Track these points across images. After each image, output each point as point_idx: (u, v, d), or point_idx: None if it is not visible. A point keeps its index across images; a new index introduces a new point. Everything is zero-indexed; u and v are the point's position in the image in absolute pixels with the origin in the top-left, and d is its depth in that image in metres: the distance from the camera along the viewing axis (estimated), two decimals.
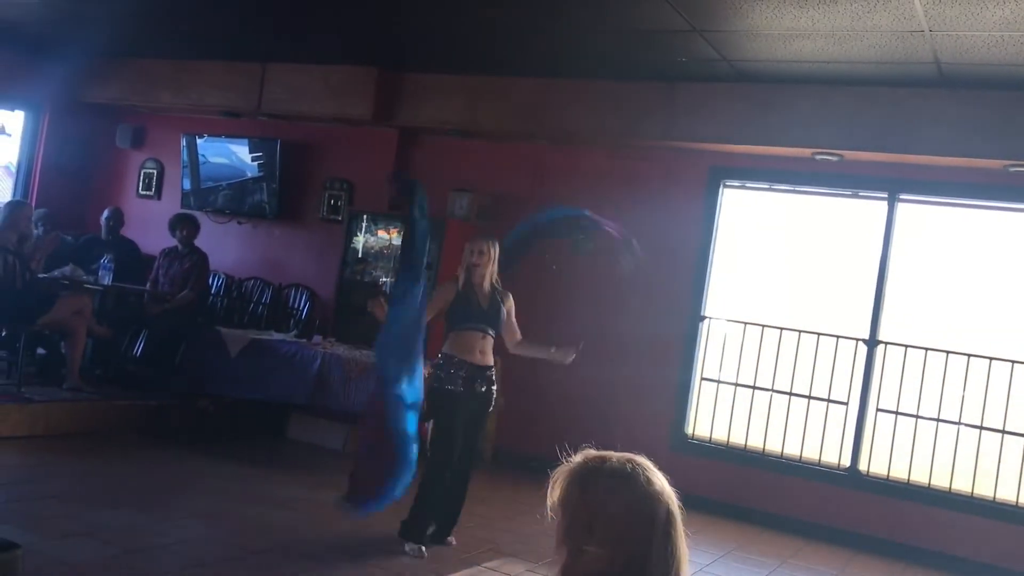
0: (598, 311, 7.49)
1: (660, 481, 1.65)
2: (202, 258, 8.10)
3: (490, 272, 5.31)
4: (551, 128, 7.56)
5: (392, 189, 5.70)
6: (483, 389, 5.22)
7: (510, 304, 5.41)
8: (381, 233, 7.93)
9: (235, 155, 8.99)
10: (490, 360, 5.28)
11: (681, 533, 1.63)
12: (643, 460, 1.69)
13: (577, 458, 1.70)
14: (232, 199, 9.03)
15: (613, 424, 7.28)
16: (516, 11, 6.02)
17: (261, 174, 8.82)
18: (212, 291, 8.78)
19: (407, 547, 5.11)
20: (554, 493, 1.68)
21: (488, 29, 6.54)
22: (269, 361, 7.10)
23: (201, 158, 9.19)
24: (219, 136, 9.08)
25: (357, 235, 8.03)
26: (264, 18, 7.12)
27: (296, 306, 8.51)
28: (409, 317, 4.89)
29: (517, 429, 7.57)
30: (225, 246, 8.97)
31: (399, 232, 7.81)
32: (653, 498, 1.61)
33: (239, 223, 9.06)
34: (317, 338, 7.45)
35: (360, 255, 8.02)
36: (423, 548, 5.10)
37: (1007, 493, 6.33)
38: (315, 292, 8.46)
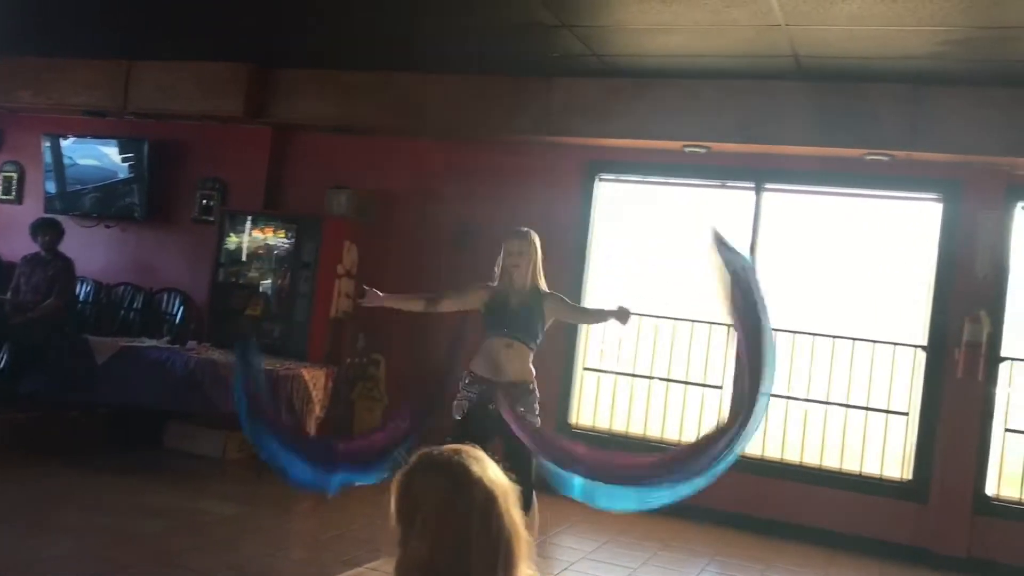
0: None
1: (481, 469, 1.67)
2: (67, 264, 7.77)
3: (531, 273, 4.66)
4: (430, 123, 7.53)
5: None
6: (492, 407, 4.45)
7: (557, 307, 4.71)
8: (256, 233, 7.75)
9: (106, 156, 8.66)
10: (517, 376, 4.54)
11: (507, 517, 1.64)
12: (470, 450, 1.71)
13: (412, 458, 1.73)
14: (100, 202, 8.69)
15: None
16: (388, 7, 5.98)
17: (131, 175, 8.52)
18: (79, 298, 8.43)
19: None
20: (392, 497, 1.70)
21: (363, 25, 6.47)
22: (140, 368, 6.87)
23: (68, 160, 8.82)
24: (85, 137, 8.73)
25: (231, 235, 7.83)
26: (130, 14, 6.86)
27: (170, 311, 8.25)
28: None
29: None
30: (92, 251, 8.63)
31: (275, 231, 7.66)
32: (470, 485, 1.64)
33: (107, 227, 8.73)
34: (192, 343, 7.26)
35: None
36: None
37: (872, 467, 6.64)
38: (189, 296, 8.21)
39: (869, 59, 5.78)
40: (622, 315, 4.58)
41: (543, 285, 4.71)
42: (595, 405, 7.39)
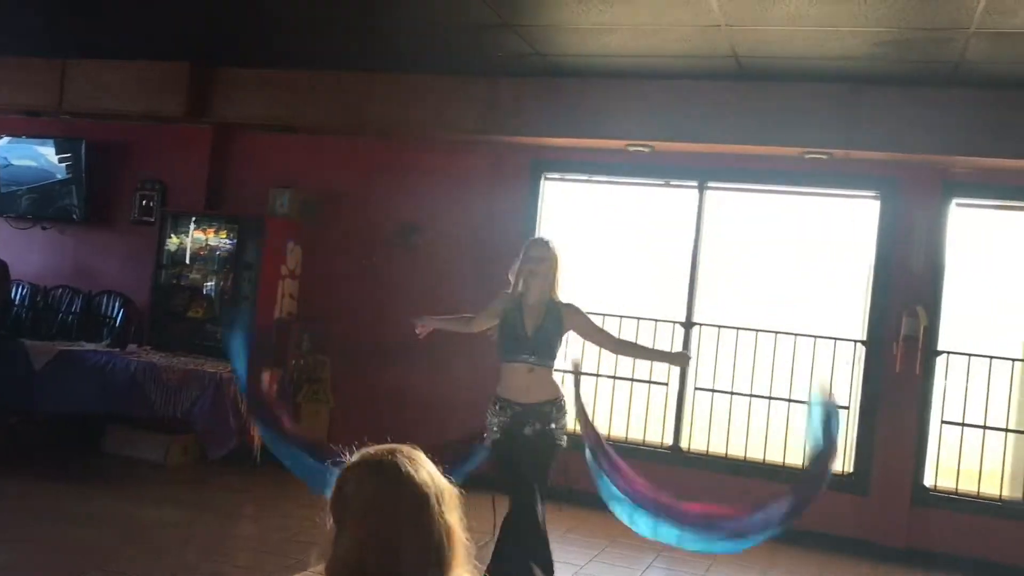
0: (424, 305, 7.47)
1: (415, 468, 1.66)
2: (1, 267, 7.58)
3: (548, 285, 4.43)
4: (376, 122, 7.48)
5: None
6: (533, 429, 4.37)
7: (576, 320, 4.49)
8: (198, 234, 7.64)
9: (43, 157, 8.44)
10: (544, 395, 4.41)
11: (440, 518, 1.63)
12: (407, 449, 1.70)
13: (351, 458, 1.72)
14: (37, 203, 8.48)
15: (445, 418, 7.32)
16: (332, 6, 5.93)
17: (69, 176, 8.34)
18: (15, 302, 8.23)
19: None
20: (329, 497, 1.69)
21: (306, 24, 6.41)
22: (79, 373, 6.74)
23: (3, 160, 8.61)
24: (20, 137, 8.51)
25: (172, 237, 7.72)
26: (65, 11, 6.70)
27: (109, 314, 8.08)
28: None
29: (350, 430, 7.42)
30: (29, 253, 8.43)
31: (217, 232, 7.56)
32: (401, 485, 1.63)
33: (44, 228, 8.53)
34: (132, 347, 7.13)
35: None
36: None
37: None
38: (129, 299, 8.05)
39: (807, 59, 5.86)
40: (681, 359, 4.64)
41: (559, 297, 4.48)
42: None
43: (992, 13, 4.72)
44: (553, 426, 4.39)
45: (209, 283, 7.58)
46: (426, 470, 1.68)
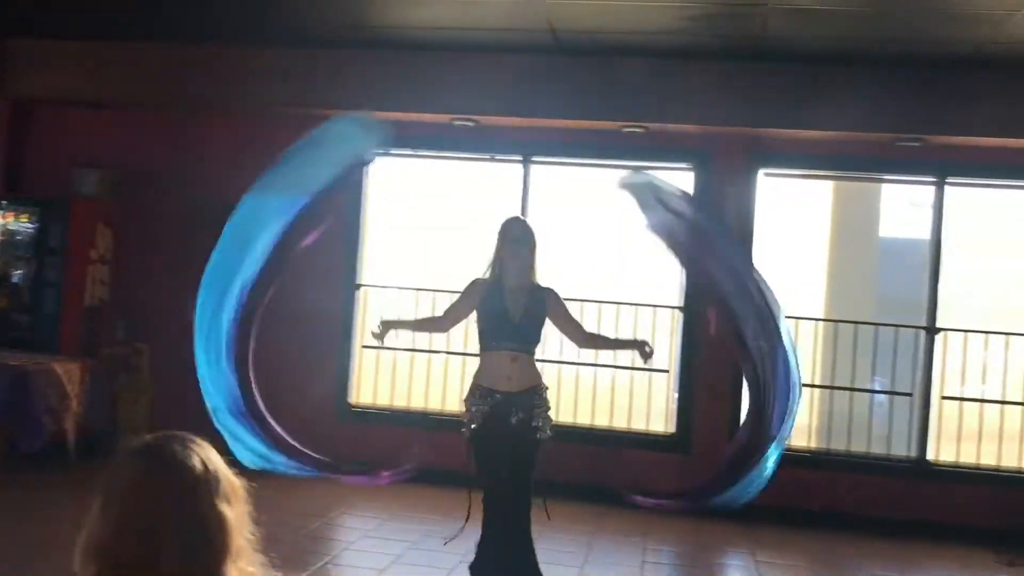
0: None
1: (188, 455, 1.59)
2: None
3: (529, 267, 4.28)
4: (187, 96, 7.18)
5: None
6: (517, 418, 4.18)
7: (556, 307, 4.34)
8: None
9: None
10: (528, 383, 4.22)
11: (212, 507, 1.57)
12: (186, 436, 1.62)
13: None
14: None
15: (276, 401, 7.12)
16: None
17: None
18: None
19: None
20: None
21: None
22: None
23: None
24: None
25: None
26: None
27: None
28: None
29: (176, 414, 7.14)
30: None
31: (16, 216, 7.08)
32: (168, 470, 1.57)
33: None
34: None
35: None
36: None
37: (639, 423, 7.00)
38: None
39: (621, 33, 6.00)
40: (642, 348, 4.43)
41: (538, 280, 4.34)
42: (375, 383, 7.35)
43: None
44: (537, 420, 4.21)
45: (17, 271, 7.12)
46: (201, 458, 1.60)
